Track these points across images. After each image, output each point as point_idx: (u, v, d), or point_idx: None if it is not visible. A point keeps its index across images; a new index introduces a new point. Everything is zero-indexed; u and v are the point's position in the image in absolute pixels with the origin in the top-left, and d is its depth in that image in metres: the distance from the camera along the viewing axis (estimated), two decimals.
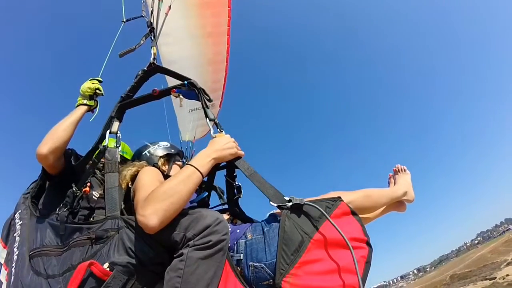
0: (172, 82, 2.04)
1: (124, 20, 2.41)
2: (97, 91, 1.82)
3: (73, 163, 1.62)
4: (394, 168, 2.15)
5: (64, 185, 1.50)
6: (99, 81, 1.87)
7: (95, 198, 1.50)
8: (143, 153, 1.84)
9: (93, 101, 1.81)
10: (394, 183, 2.07)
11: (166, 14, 2.74)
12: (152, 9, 2.43)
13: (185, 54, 3.43)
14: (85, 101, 1.77)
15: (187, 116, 3.92)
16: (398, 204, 1.96)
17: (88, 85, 1.79)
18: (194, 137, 4.10)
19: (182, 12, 3.08)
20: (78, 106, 1.75)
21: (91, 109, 1.82)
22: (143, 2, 2.55)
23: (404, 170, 2.10)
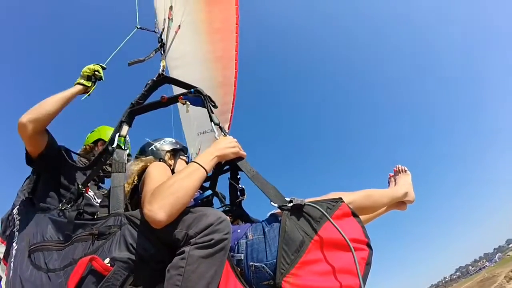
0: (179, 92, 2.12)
1: (138, 27, 2.55)
2: (96, 72, 1.84)
3: (66, 157, 1.63)
4: (395, 169, 2.15)
5: (51, 177, 1.53)
6: (103, 68, 1.90)
7: (91, 197, 1.52)
8: (149, 148, 1.88)
9: (90, 82, 1.82)
10: (395, 184, 2.07)
11: (176, 33, 2.94)
12: (164, 27, 2.62)
13: (196, 78, 3.53)
14: (82, 81, 1.79)
15: (196, 139, 3.99)
16: (399, 203, 1.96)
17: (88, 66, 1.83)
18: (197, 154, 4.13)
19: (192, 36, 3.26)
20: (75, 85, 1.78)
21: (87, 90, 1.82)
22: (156, 20, 2.74)
23: (405, 171, 2.10)
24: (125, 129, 1.65)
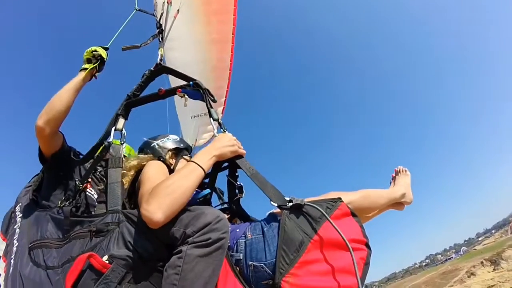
0: (176, 83, 2.05)
1: (137, 8, 2.44)
2: (94, 52, 1.77)
3: (72, 156, 1.61)
4: (396, 169, 2.15)
5: (58, 177, 1.51)
6: (105, 49, 1.84)
7: (90, 195, 1.52)
8: (151, 145, 1.80)
9: (91, 64, 1.75)
10: (394, 184, 2.08)
11: (174, 18, 2.82)
12: (162, 12, 2.50)
13: (189, 60, 3.48)
14: (83, 66, 1.74)
15: (190, 122, 3.95)
16: (396, 203, 1.96)
17: (87, 50, 1.77)
18: (194, 144, 4.10)
19: (189, 18, 3.16)
20: (79, 72, 1.72)
21: (92, 73, 1.76)
22: (155, 2, 2.61)
23: (405, 171, 2.10)
24: (121, 122, 1.60)
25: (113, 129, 1.55)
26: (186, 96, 1.70)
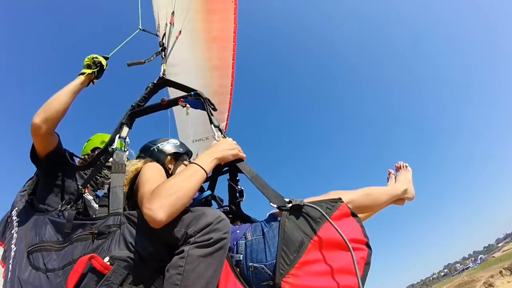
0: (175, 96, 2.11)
1: (141, 28, 2.57)
2: (95, 59, 1.85)
3: (68, 158, 1.65)
4: (396, 165, 2.14)
5: (54, 178, 1.54)
6: (105, 58, 1.92)
7: (86, 199, 1.53)
8: (151, 148, 1.80)
9: (90, 69, 1.81)
10: (395, 180, 2.07)
11: (177, 38, 2.99)
12: (165, 32, 2.66)
13: (192, 85, 3.57)
14: (82, 70, 1.80)
15: (191, 146, 4.00)
16: (397, 199, 1.93)
17: (87, 56, 1.85)
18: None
19: (190, 42, 3.29)
20: (78, 77, 1.78)
21: (91, 78, 1.82)
22: (158, 24, 2.78)
23: (406, 167, 2.09)
24: (125, 130, 1.67)
25: (117, 136, 1.61)
26: (188, 105, 1.79)
